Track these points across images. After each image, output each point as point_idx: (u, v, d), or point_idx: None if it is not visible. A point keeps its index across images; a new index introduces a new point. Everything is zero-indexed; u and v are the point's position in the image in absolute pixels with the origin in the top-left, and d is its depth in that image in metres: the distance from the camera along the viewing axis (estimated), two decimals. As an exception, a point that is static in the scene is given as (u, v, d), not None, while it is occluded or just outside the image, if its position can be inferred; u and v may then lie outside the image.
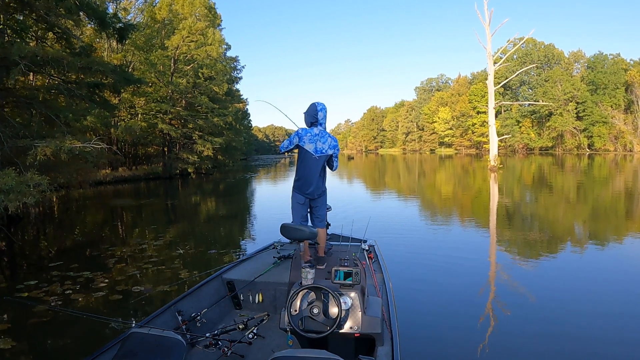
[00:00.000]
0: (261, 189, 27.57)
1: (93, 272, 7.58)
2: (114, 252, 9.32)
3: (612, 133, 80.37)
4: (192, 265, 8.08)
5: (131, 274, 7.54)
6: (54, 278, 7.30)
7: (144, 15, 37.26)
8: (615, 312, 5.58)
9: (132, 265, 8.15)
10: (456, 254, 8.77)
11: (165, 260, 8.51)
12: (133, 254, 9.22)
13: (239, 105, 58.05)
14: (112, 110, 18.73)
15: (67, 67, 10.64)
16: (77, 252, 9.81)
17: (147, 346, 2.77)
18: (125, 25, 14.68)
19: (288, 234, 4.47)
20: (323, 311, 3.18)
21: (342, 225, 6.39)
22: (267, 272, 5.04)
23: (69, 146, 9.44)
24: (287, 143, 5.31)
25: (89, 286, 6.81)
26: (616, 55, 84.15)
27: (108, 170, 30.78)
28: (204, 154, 36.35)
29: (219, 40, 40.18)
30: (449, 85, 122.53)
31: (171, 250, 9.39)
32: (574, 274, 7.51)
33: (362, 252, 5.60)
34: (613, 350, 4.56)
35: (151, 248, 9.71)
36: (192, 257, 8.77)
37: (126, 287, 6.69)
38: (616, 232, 11.27)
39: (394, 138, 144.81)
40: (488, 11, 34.13)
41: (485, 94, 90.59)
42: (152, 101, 33.71)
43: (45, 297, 6.28)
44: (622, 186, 22.39)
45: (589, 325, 5.20)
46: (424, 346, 4.77)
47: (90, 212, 17.73)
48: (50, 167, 11.26)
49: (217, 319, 4.59)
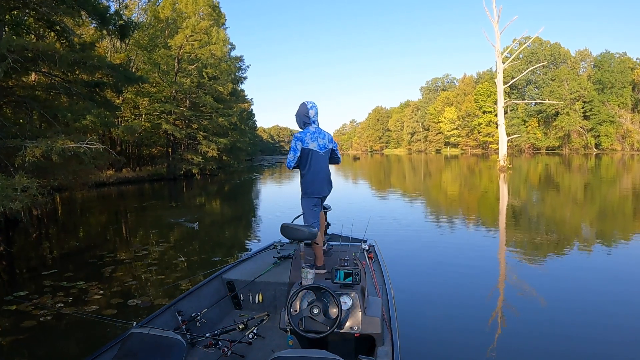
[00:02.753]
0: (266, 190, 27.15)
1: (88, 282, 7.12)
2: (112, 259, 8.87)
3: (619, 132, 79.98)
4: (193, 270, 7.65)
5: (128, 284, 7.06)
6: (45, 289, 6.85)
7: (147, 15, 37.00)
8: (624, 313, 5.51)
9: (130, 274, 7.68)
10: (461, 255, 8.80)
11: (166, 269, 8.07)
12: (132, 260, 8.77)
13: (243, 105, 57.86)
14: (114, 111, 18.39)
15: (59, 62, 10.15)
16: (74, 259, 9.34)
17: (147, 346, 2.78)
18: (127, 23, 14.36)
19: (288, 234, 4.51)
20: (323, 311, 3.16)
21: (342, 225, 6.31)
22: (267, 272, 5.05)
23: (61, 146, 8.94)
24: (293, 155, 5.17)
25: (82, 298, 6.35)
26: (623, 54, 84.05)
27: (111, 171, 30.62)
28: (209, 154, 36.10)
29: (223, 40, 39.93)
30: (455, 85, 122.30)
31: (172, 257, 8.94)
32: (599, 274, 7.41)
33: (362, 252, 5.59)
34: (622, 352, 4.51)
35: (152, 254, 9.25)
36: (194, 264, 8.29)
37: (121, 300, 6.22)
38: (630, 233, 11.09)
39: (399, 138, 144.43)
40: (497, 9, 33.55)
41: (491, 94, 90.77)
42: (155, 101, 33.49)
43: (34, 312, 5.84)
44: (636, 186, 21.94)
45: (591, 326, 5.20)
46: (424, 346, 4.79)
47: (92, 214, 17.35)
48: (44, 169, 10.79)
49: (217, 319, 4.60)
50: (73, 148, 9.24)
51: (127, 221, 14.87)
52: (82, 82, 13.68)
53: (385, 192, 22.96)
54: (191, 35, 33.33)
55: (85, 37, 18.51)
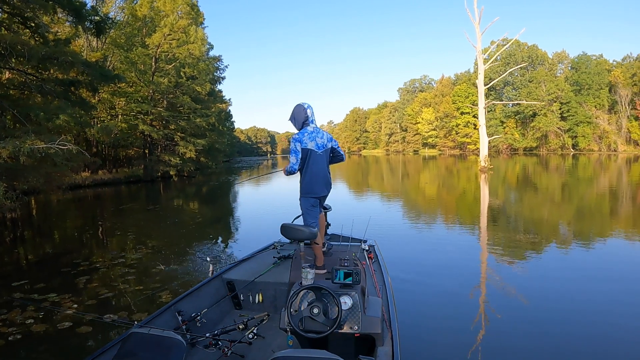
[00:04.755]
0: (245, 192, 26.55)
1: (61, 295, 6.56)
2: (87, 267, 8.31)
3: (596, 133, 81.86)
4: (171, 282, 7.14)
5: (103, 297, 6.49)
6: (15, 302, 6.27)
7: (124, 13, 36.25)
8: (609, 310, 5.60)
9: (106, 285, 7.10)
10: (461, 255, 8.90)
11: (144, 278, 7.56)
12: (108, 268, 8.21)
13: (222, 105, 57.32)
14: (90, 110, 17.83)
15: (29, 56, 9.58)
16: (47, 266, 8.75)
17: (147, 346, 2.77)
18: (103, 19, 13.88)
19: (288, 234, 4.52)
20: (323, 311, 3.15)
21: (342, 225, 6.28)
22: (267, 272, 5.03)
23: (30, 147, 8.36)
24: (295, 158, 5.03)
25: (55, 313, 5.82)
26: (599, 56, 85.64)
27: (87, 173, 30.01)
28: (186, 156, 35.58)
29: (202, 39, 39.38)
30: (432, 87, 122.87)
31: (150, 265, 8.39)
32: (581, 272, 7.55)
33: (362, 252, 5.54)
34: (608, 348, 4.62)
35: (129, 262, 8.67)
36: (170, 275, 7.74)
37: (97, 315, 5.67)
38: (619, 231, 11.33)
39: (377, 139, 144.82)
40: (478, 9, 33.55)
41: (469, 95, 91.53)
42: (132, 101, 32.88)
43: (2, 329, 5.32)
44: (623, 187, 22.19)
45: (596, 324, 5.18)
46: (424, 346, 4.76)
47: (68, 217, 16.66)
48: (14, 171, 10.17)
49: (217, 319, 4.59)
50: (44, 149, 8.68)
51: (103, 225, 14.19)
52: (56, 80, 13.15)
53: (367, 194, 22.69)
54: (169, 34, 32.69)
55: (61, 35, 17.92)
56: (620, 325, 5.10)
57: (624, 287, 6.49)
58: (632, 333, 4.92)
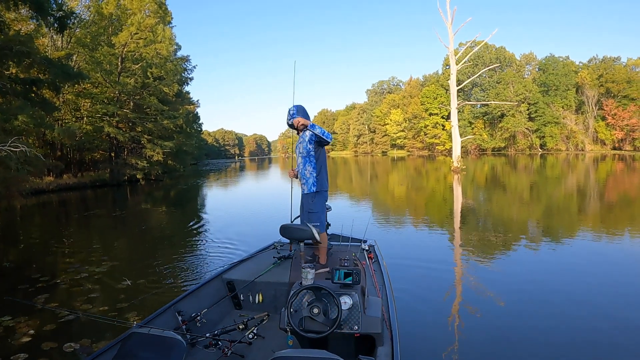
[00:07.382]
0: (215, 195, 25.81)
1: (15, 318, 5.73)
2: (47, 283, 7.53)
3: (563, 133, 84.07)
4: (142, 301, 6.44)
5: (63, 320, 5.66)
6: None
7: (90, 12, 35.09)
8: (596, 301, 5.84)
9: (67, 304, 6.31)
10: (458, 254, 9.04)
11: (109, 295, 6.81)
12: (70, 285, 7.42)
13: (189, 107, 56.38)
14: (53, 111, 16.97)
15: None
16: (1, 283, 7.83)
17: (147, 346, 2.78)
18: (66, 13, 13.10)
19: (288, 234, 4.64)
20: (323, 311, 3.17)
21: (342, 225, 6.30)
22: (267, 272, 5.03)
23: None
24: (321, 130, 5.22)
25: (8, 341, 5.08)
26: (566, 57, 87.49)
27: (51, 177, 29.00)
28: (154, 159, 34.83)
29: (169, 38, 38.50)
30: (401, 88, 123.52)
31: (116, 280, 7.64)
32: (571, 267, 7.68)
33: (362, 252, 5.61)
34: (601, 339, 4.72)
35: (93, 276, 7.91)
36: (141, 289, 7.03)
37: (55, 345, 4.94)
38: (588, 227, 11.66)
39: (345, 141, 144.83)
40: (451, 10, 33.54)
41: (437, 96, 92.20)
42: (98, 103, 31.89)
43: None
44: (590, 185, 22.41)
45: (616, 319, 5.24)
46: (424, 346, 4.75)
47: (30, 225, 15.59)
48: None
49: (217, 319, 4.60)
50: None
51: (67, 234, 13.25)
52: (16, 78, 12.31)
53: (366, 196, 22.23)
54: (136, 33, 31.81)
55: (24, 32, 17.04)
56: (602, 316, 5.30)
57: (596, 281, 6.79)
58: (608, 322, 5.11)
